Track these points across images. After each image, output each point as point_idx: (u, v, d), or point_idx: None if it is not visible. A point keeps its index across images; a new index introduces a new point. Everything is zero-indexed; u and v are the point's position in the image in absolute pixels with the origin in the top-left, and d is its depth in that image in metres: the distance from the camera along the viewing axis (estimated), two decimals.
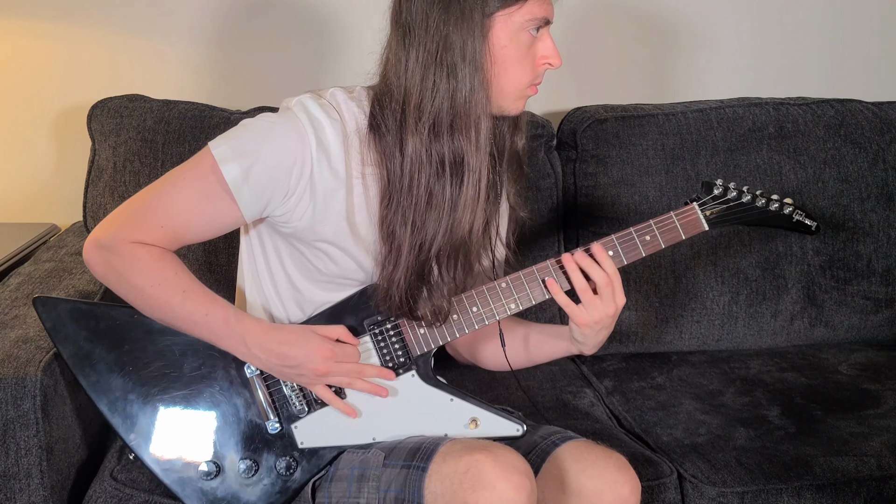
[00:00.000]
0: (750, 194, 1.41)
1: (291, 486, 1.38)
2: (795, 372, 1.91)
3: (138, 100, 1.94)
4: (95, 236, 1.31)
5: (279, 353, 1.31)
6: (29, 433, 1.39)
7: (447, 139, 1.27)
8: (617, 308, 1.36)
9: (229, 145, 1.29)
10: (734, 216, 1.41)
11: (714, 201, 1.40)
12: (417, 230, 1.31)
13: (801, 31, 2.30)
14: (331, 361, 1.32)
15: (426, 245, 1.31)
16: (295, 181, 1.29)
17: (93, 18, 2.08)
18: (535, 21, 1.28)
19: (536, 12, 1.27)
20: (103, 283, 1.34)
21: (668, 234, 1.39)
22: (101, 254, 1.30)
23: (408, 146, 1.28)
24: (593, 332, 1.39)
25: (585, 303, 1.35)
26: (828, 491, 1.55)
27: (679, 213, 1.39)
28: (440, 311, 1.36)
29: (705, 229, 1.40)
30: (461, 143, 1.27)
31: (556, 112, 2.18)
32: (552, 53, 1.31)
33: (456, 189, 1.29)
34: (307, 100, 1.31)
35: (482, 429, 1.37)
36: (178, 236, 1.32)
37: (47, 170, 2.16)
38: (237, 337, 1.31)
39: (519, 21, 1.27)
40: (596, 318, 1.36)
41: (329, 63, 2.16)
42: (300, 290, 1.40)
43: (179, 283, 1.30)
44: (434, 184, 1.29)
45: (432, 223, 1.30)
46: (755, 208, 1.42)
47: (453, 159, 1.28)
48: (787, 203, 1.44)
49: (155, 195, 1.32)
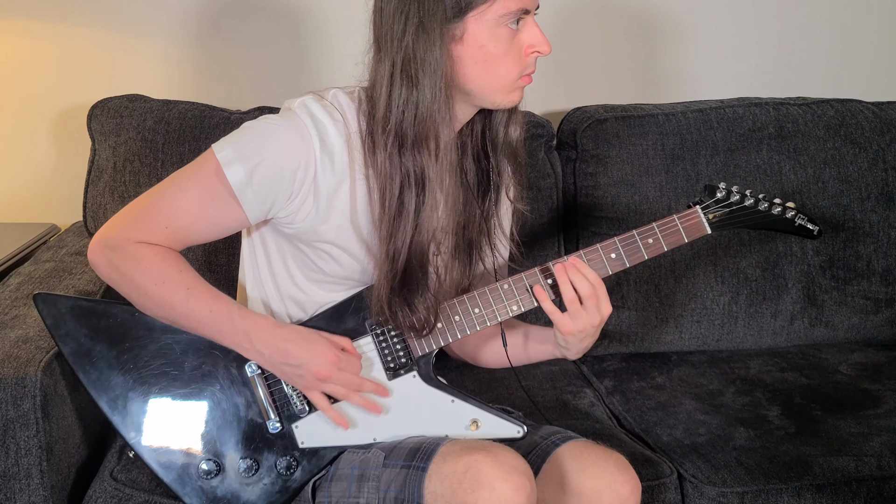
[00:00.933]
0: (753, 198, 1.41)
1: (291, 486, 1.38)
2: (795, 372, 1.91)
3: (138, 100, 1.94)
4: (100, 236, 1.32)
5: (282, 350, 1.31)
6: (29, 433, 1.39)
7: (410, 153, 1.28)
8: (602, 318, 1.36)
9: (233, 148, 1.29)
10: (737, 220, 1.41)
11: (717, 205, 1.40)
12: (388, 239, 1.31)
13: (801, 31, 2.30)
14: (333, 367, 1.32)
15: (397, 254, 1.31)
16: (299, 183, 1.29)
17: (93, 18, 2.08)
18: (510, 15, 1.25)
19: (510, 5, 1.25)
20: (107, 283, 1.34)
21: (670, 237, 1.39)
22: (106, 253, 1.31)
23: (377, 157, 1.29)
24: (577, 340, 1.39)
25: (571, 312, 1.35)
26: (828, 491, 1.55)
27: (682, 217, 1.39)
28: (422, 326, 1.35)
29: (708, 233, 1.39)
30: (423, 158, 1.28)
31: (556, 112, 2.18)
32: (539, 41, 1.28)
33: (421, 199, 1.29)
34: (310, 101, 1.32)
35: (483, 430, 1.37)
36: (182, 237, 1.33)
37: (47, 170, 2.16)
38: (241, 333, 1.31)
39: (492, 18, 1.25)
40: (580, 328, 1.36)
41: (329, 63, 2.16)
42: (303, 290, 1.40)
43: (184, 280, 1.31)
44: (405, 194, 1.29)
45: (399, 232, 1.30)
46: (758, 212, 1.41)
47: (418, 173, 1.28)
48: (789, 207, 1.43)
49: (159, 197, 1.32)
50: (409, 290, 1.33)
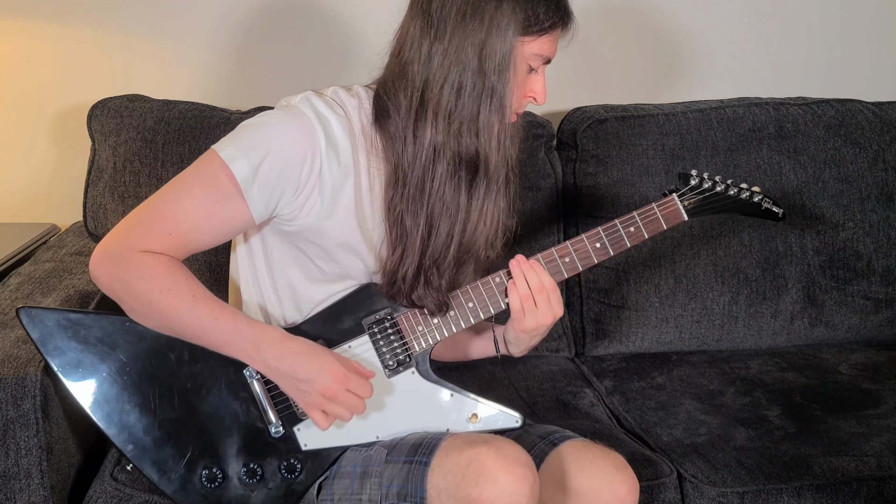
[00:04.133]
0: (723, 184, 1.46)
1: (296, 489, 1.37)
2: (795, 372, 1.91)
3: (138, 100, 1.94)
4: (102, 247, 1.29)
5: (291, 363, 1.29)
6: (29, 433, 1.39)
7: (467, 137, 1.29)
8: (554, 317, 1.39)
9: (236, 145, 1.28)
10: (710, 205, 1.46)
11: (691, 192, 1.45)
12: (427, 227, 1.32)
13: (801, 31, 2.30)
14: (342, 387, 1.29)
15: (438, 247, 1.33)
16: (305, 176, 1.29)
17: (93, 18, 2.08)
18: (541, 57, 1.31)
19: (546, 49, 1.31)
20: (108, 295, 1.31)
21: (650, 224, 1.43)
22: (108, 265, 1.28)
23: (424, 134, 1.29)
24: (528, 338, 1.42)
25: (526, 309, 1.38)
26: (828, 491, 1.55)
27: (660, 205, 1.43)
28: (443, 304, 1.37)
29: (685, 219, 1.44)
30: (482, 145, 1.30)
31: (556, 112, 2.18)
32: (541, 91, 1.34)
33: (479, 190, 1.32)
34: (311, 97, 1.32)
35: (483, 423, 1.39)
36: (187, 242, 1.30)
37: (47, 170, 2.16)
38: (249, 342, 1.29)
39: (528, 53, 1.30)
40: (533, 326, 1.39)
41: (329, 63, 2.16)
42: (300, 290, 1.40)
43: (189, 288, 1.28)
44: (447, 182, 1.31)
45: (445, 226, 1.32)
46: (728, 197, 1.47)
47: (474, 157, 1.30)
48: (755, 191, 1.49)
49: (161, 202, 1.29)
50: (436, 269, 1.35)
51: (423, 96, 1.29)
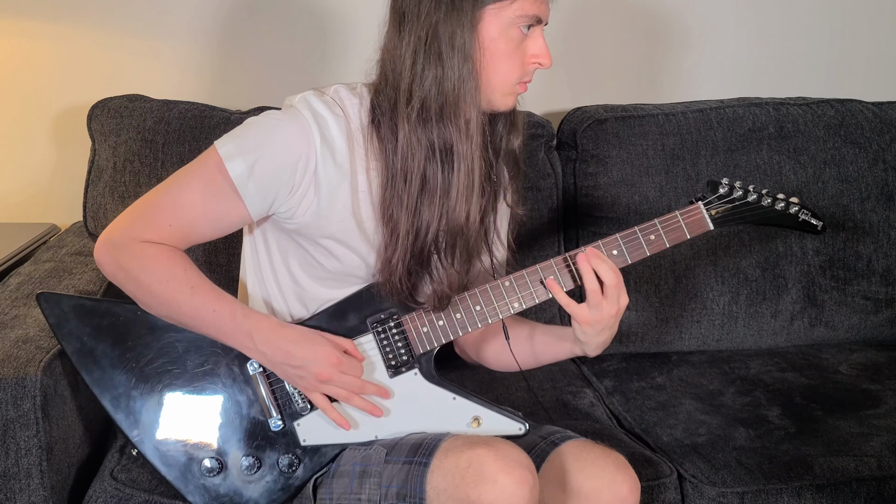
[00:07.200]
0: (756, 193, 1.40)
1: (293, 484, 1.39)
2: (795, 372, 1.91)
3: (138, 100, 1.94)
4: (106, 236, 1.33)
5: (285, 351, 1.32)
6: (29, 433, 1.39)
7: (435, 125, 1.28)
8: (620, 308, 1.37)
9: (235, 143, 1.31)
10: (739, 216, 1.40)
11: (719, 200, 1.39)
12: (413, 214, 1.31)
13: (801, 31, 2.30)
14: (335, 369, 1.32)
15: (423, 230, 1.32)
16: (300, 177, 1.30)
17: (93, 18, 2.08)
18: (526, 18, 1.28)
19: (528, 9, 1.28)
20: (112, 282, 1.35)
21: (672, 233, 1.38)
22: (112, 253, 1.32)
23: (399, 130, 1.30)
24: (595, 332, 1.38)
25: (593, 303, 1.35)
26: (828, 491, 1.55)
27: (684, 213, 1.39)
28: (443, 297, 1.36)
29: (710, 229, 1.39)
30: (449, 131, 1.28)
31: (556, 112, 2.18)
32: (542, 53, 1.31)
33: (448, 175, 1.30)
34: (311, 96, 1.33)
35: (485, 427, 1.38)
36: (186, 234, 1.33)
37: (47, 170, 2.16)
38: (244, 332, 1.32)
39: (509, 16, 1.27)
40: (598, 318, 1.36)
41: (329, 62, 2.16)
42: (304, 287, 1.41)
43: (188, 279, 1.32)
44: (427, 168, 1.30)
45: (426, 208, 1.31)
46: (761, 207, 1.40)
47: (443, 146, 1.29)
48: (793, 202, 1.42)
49: (163, 194, 1.33)
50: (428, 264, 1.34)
51: (397, 93, 1.29)
